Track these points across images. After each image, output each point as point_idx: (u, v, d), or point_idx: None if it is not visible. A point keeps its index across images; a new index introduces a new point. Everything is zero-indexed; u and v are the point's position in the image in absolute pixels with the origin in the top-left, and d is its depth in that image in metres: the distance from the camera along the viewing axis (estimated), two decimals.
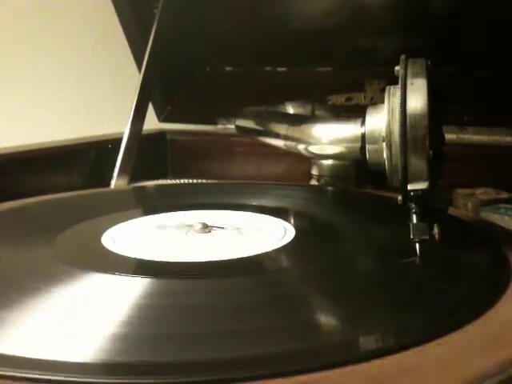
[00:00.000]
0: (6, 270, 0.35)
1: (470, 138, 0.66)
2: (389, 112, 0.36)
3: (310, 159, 0.58)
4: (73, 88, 0.99)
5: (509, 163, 0.62)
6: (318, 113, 0.58)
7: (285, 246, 0.38)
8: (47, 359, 0.24)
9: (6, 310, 0.29)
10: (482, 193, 0.55)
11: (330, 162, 0.57)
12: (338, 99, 0.72)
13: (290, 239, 0.39)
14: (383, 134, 0.37)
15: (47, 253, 0.37)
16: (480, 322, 0.27)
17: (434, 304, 0.30)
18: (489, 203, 0.52)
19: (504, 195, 0.54)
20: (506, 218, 0.50)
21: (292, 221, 0.44)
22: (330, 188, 0.57)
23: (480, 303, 0.29)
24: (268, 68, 0.78)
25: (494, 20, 0.63)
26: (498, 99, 0.65)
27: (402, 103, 0.35)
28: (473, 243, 0.39)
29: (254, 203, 0.49)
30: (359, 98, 0.72)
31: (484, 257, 0.37)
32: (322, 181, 0.58)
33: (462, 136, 0.66)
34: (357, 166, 0.56)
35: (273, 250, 0.37)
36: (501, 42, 0.64)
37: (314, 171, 0.58)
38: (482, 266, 0.35)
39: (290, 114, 0.56)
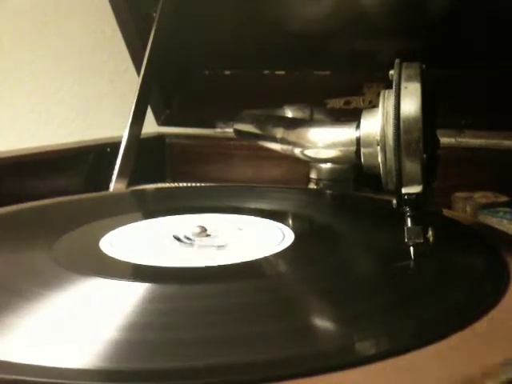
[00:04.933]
0: (5, 274, 0.35)
1: (468, 141, 0.66)
2: (383, 116, 0.36)
3: (309, 163, 0.58)
4: (71, 91, 0.99)
5: (507, 167, 0.62)
6: (316, 116, 0.58)
7: (284, 250, 0.38)
8: (44, 365, 0.24)
9: (4, 314, 0.29)
10: (480, 196, 0.55)
11: (328, 165, 0.57)
12: (337, 103, 0.72)
13: (288, 243, 0.39)
14: (378, 137, 0.37)
15: (45, 257, 0.37)
16: (480, 323, 0.28)
17: (433, 306, 0.30)
18: (487, 206, 0.53)
19: (502, 198, 0.54)
20: (505, 221, 0.50)
21: (291, 224, 0.44)
22: (328, 191, 0.57)
23: (479, 306, 0.29)
24: (267, 71, 0.78)
25: (494, 22, 0.64)
26: (497, 102, 0.65)
27: (395, 107, 0.35)
28: (471, 246, 0.39)
29: (252, 206, 0.49)
30: (358, 102, 0.72)
31: (483, 260, 0.37)
32: (321, 184, 0.58)
33: (460, 139, 0.66)
34: (355, 170, 0.56)
35: (272, 255, 0.37)
36: (500, 45, 0.64)
37: (313, 175, 0.58)
38: (481, 268, 0.35)
39: (286, 118, 0.56)
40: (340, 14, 0.70)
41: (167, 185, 0.68)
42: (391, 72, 0.36)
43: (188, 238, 0.40)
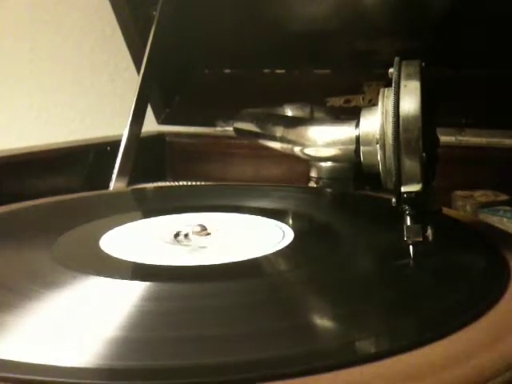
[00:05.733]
0: (4, 273, 0.35)
1: (469, 140, 0.66)
2: (382, 114, 0.36)
3: (309, 161, 0.58)
4: (71, 90, 0.99)
5: (507, 165, 0.62)
6: (316, 115, 0.58)
7: (283, 248, 0.38)
8: (44, 363, 0.24)
9: (4, 313, 0.29)
10: (480, 195, 0.55)
11: (328, 164, 0.57)
12: (337, 101, 0.72)
13: (288, 242, 0.39)
14: (377, 136, 0.37)
15: (45, 256, 0.37)
16: (480, 323, 0.27)
17: (433, 306, 0.30)
18: (487, 205, 0.53)
19: (502, 197, 0.54)
20: (505, 219, 0.50)
21: (290, 223, 0.44)
22: (328, 190, 0.57)
23: (479, 305, 0.29)
24: (267, 70, 0.78)
25: (494, 22, 0.63)
26: (497, 101, 0.65)
27: (395, 105, 0.35)
28: (471, 245, 0.39)
29: (252, 205, 0.49)
30: (358, 100, 0.72)
31: (483, 259, 0.37)
32: (321, 183, 0.58)
33: (461, 138, 0.66)
34: (355, 168, 0.56)
35: (271, 253, 0.37)
36: (500, 45, 0.64)
37: (313, 173, 0.58)
38: (481, 267, 0.35)
39: (286, 116, 0.56)
40: (340, 14, 0.70)
41: (167, 183, 0.68)
42: (391, 70, 0.36)
43: (187, 237, 0.40)
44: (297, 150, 0.46)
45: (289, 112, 0.58)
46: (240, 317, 0.29)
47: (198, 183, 0.64)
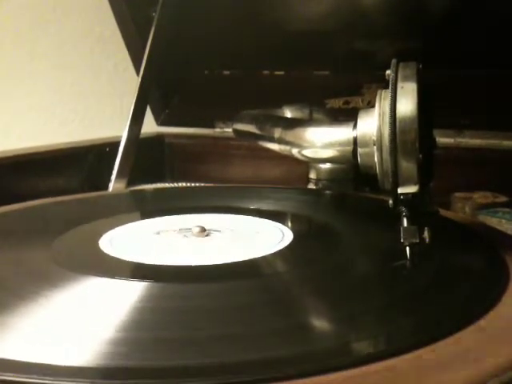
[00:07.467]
0: (4, 273, 0.35)
1: (468, 141, 0.66)
2: (379, 116, 0.36)
3: (308, 163, 0.58)
4: (70, 91, 0.99)
5: (506, 167, 0.62)
6: (315, 116, 0.58)
7: (282, 249, 0.38)
8: (44, 363, 0.24)
9: (3, 313, 0.29)
10: (479, 196, 0.55)
11: (327, 165, 0.57)
12: (336, 103, 0.72)
13: (287, 243, 0.39)
14: (374, 137, 0.37)
15: (45, 256, 0.37)
16: (479, 324, 0.27)
17: (432, 307, 0.30)
18: (486, 207, 0.53)
19: (501, 199, 0.54)
20: (504, 221, 0.50)
21: (290, 224, 0.44)
22: (327, 191, 0.57)
23: (478, 306, 0.29)
24: (266, 71, 0.78)
25: (494, 22, 0.64)
26: (497, 102, 0.65)
27: (391, 107, 0.35)
28: (470, 247, 0.39)
29: (251, 207, 0.49)
30: (357, 102, 0.72)
31: (482, 260, 0.37)
32: (320, 184, 0.58)
33: (460, 140, 0.66)
34: (354, 170, 0.56)
35: (270, 254, 0.37)
36: (500, 45, 0.64)
37: (312, 175, 0.58)
38: (480, 268, 0.35)
39: (284, 118, 0.56)
40: (340, 14, 0.70)
41: (166, 185, 0.68)
42: (388, 72, 0.36)
43: (186, 237, 0.40)
44: (295, 151, 0.46)
45: (288, 113, 0.58)
46: (239, 317, 0.29)
47: (197, 184, 0.64)
